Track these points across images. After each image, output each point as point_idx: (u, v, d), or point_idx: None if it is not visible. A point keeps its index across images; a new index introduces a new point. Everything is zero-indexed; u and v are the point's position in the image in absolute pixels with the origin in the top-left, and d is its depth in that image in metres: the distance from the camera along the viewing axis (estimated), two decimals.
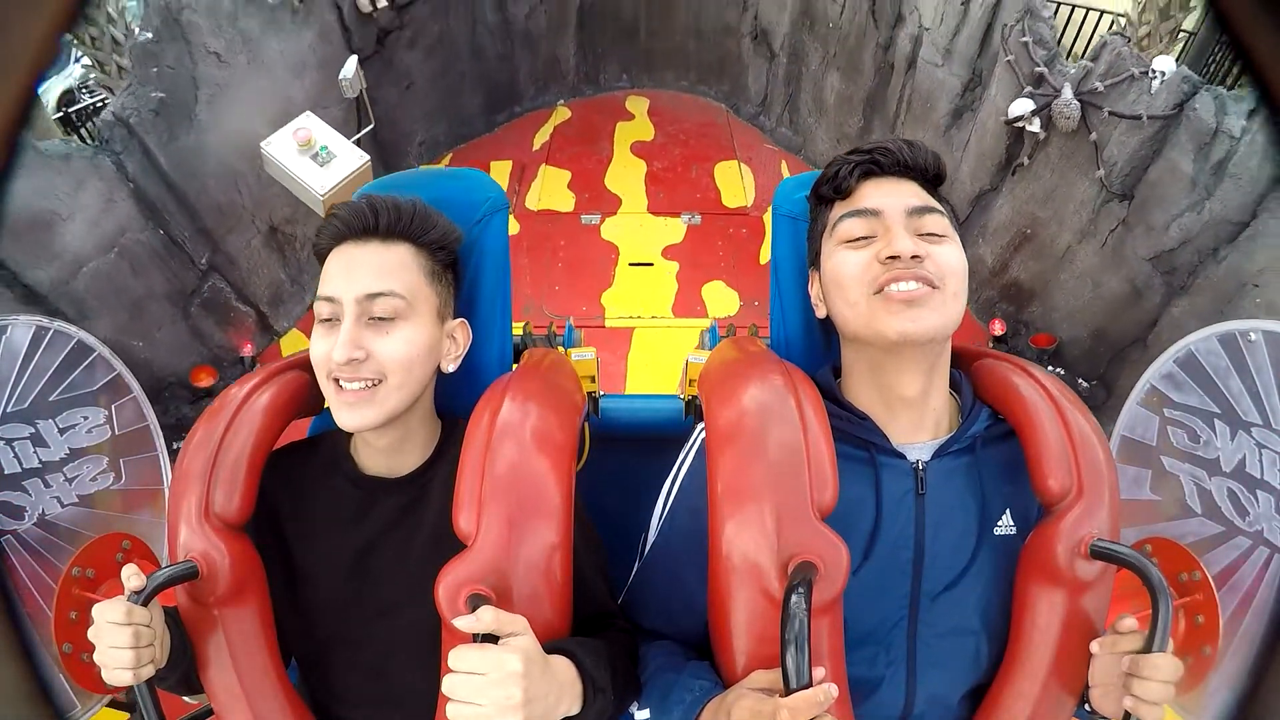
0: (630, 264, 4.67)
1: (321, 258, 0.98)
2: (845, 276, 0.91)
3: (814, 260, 1.01)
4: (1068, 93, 3.38)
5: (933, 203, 0.93)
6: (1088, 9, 4.57)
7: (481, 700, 0.71)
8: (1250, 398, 1.59)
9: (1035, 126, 3.57)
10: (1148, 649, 0.77)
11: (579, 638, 0.91)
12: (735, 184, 5.08)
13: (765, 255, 4.76)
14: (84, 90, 5.52)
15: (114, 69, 3.58)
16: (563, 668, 0.82)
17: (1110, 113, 3.27)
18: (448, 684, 0.72)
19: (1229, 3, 0.35)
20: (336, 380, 0.91)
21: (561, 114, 5.64)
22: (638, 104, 5.74)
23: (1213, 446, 1.65)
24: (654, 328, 4.35)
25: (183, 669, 0.91)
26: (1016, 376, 0.95)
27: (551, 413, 0.98)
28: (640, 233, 4.85)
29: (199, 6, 3.30)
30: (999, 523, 0.92)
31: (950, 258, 0.89)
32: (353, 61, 3.54)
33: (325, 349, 0.92)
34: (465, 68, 5.01)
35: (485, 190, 1.19)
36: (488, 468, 0.87)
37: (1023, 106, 3.56)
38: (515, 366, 1.18)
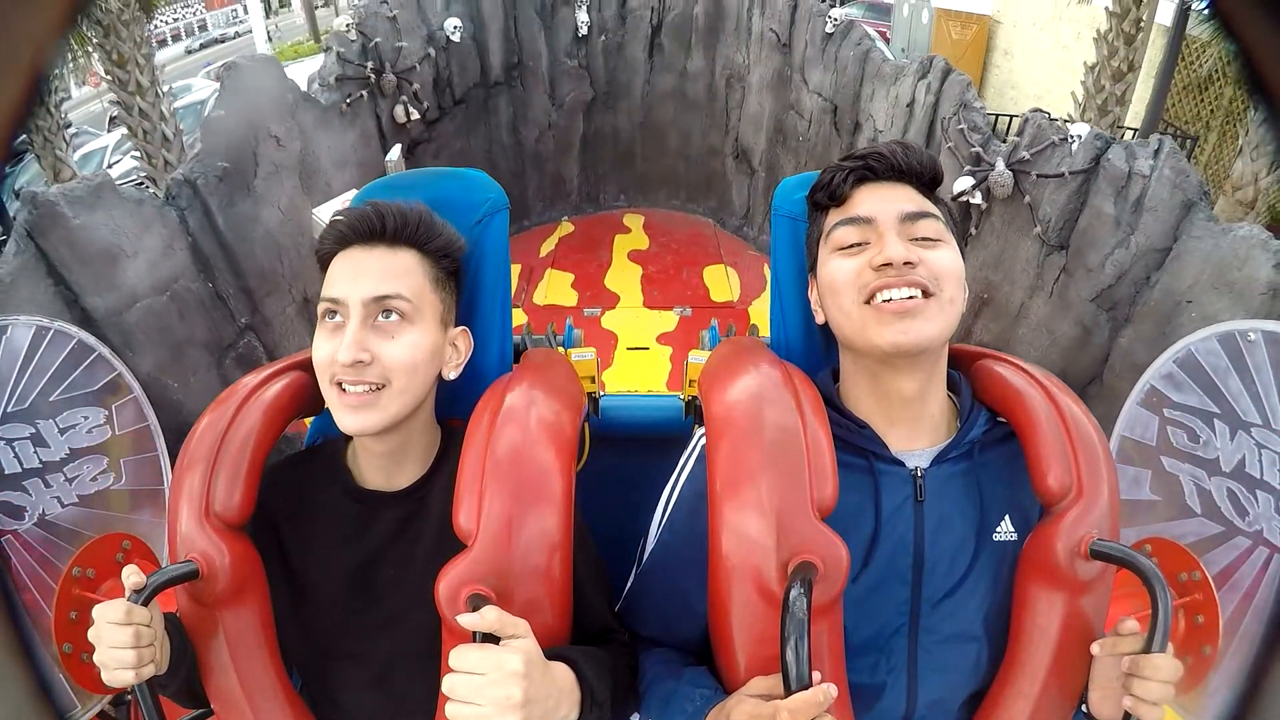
0: (628, 348, 5.05)
1: (325, 262, 0.98)
2: (839, 284, 0.92)
3: (812, 266, 1.02)
4: (1000, 165, 3.93)
5: (928, 207, 0.93)
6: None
7: (481, 700, 0.71)
8: (1250, 398, 1.64)
9: (978, 198, 4.10)
10: (1147, 649, 0.77)
11: (580, 646, 0.91)
12: (722, 283, 5.56)
13: None
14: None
15: (160, 162, 4.11)
16: (563, 674, 0.81)
17: (1038, 175, 3.78)
18: (447, 683, 0.72)
19: (1229, 3, 0.35)
20: (339, 384, 0.91)
21: (566, 228, 6.19)
22: (634, 220, 6.30)
23: (1212, 446, 1.68)
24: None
25: (184, 674, 0.91)
26: (1016, 376, 0.95)
27: (555, 404, 0.98)
28: (637, 323, 5.24)
29: (267, 94, 3.90)
30: (999, 528, 0.93)
31: (944, 262, 0.89)
32: (397, 149, 4.13)
33: (329, 351, 0.90)
34: None
35: (485, 190, 1.18)
36: (489, 454, 0.87)
37: (964, 183, 4.10)
38: (515, 367, 1.17)
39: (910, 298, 0.86)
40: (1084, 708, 0.87)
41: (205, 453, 0.93)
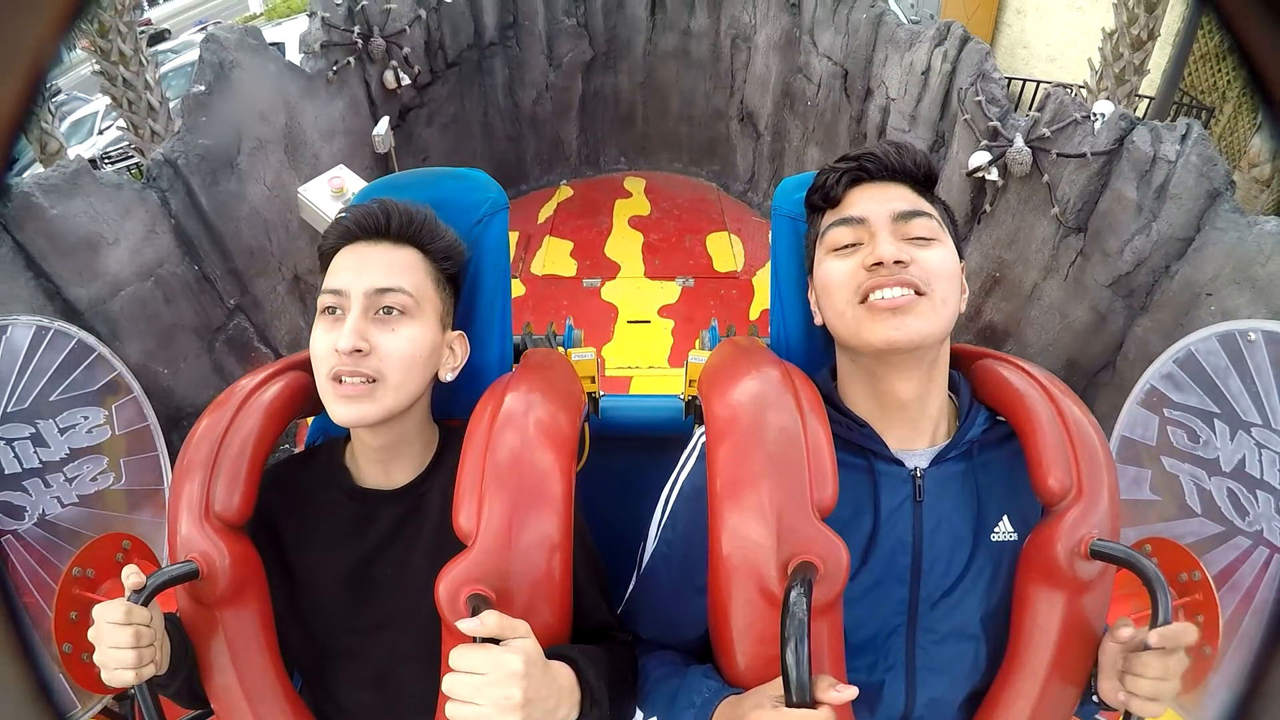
0: (628, 321, 4.94)
1: (327, 257, 0.99)
2: (833, 285, 0.91)
3: (810, 268, 1.02)
4: (1019, 141, 3.75)
5: (922, 206, 0.93)
6: (1052, 83, 5.09)
7: (481, 700, 0.71)
8: (1250, 398, 1.63)
9: (994, 175, 3.93)
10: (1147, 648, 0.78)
11: (580, 645, 0.91)
12: (726, 251, 5.43)
13: (755, 312, 5.05)
14: (106, 160, 5.95)
15: (147, 132, 3.95)
16: (563, 674, 0.81)
17: (1058, 154, 3.62)
18: (448, 683, 0.72)
19: (1229, 3, 0.35)
20: (337, 378, 0.91)
21: (564, 192, 6.05)
22: (635, 184, 6.15)
23: (1213, 446, 1.68)
24: (651, 376, 4.56)
25: (185, 675, 0.91)
26: (1015, 376, 0.95)
27: (554, 407, 0.98)
28: (638, 294, 5.14)
29: (248, 67, 3.71)
30: (997, 528, 0.92)
31: (937, 261, 0.88)
32: (385, 121, 3.95)
33: (329, 342, 0.91)
34: (477, 146, 5.46)
35: (485, 191, 1.18)
36: (489, 457, 0.87)
37: (980, 158, 3.93)
38: (515, 367, 1.17)
39: (902, 296, 0.85)
40: (1094, 698, 0.87)
41: (205, 454, 0.93)
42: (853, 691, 0.71)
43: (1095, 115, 3.49)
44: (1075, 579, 0.84)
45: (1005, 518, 0.93)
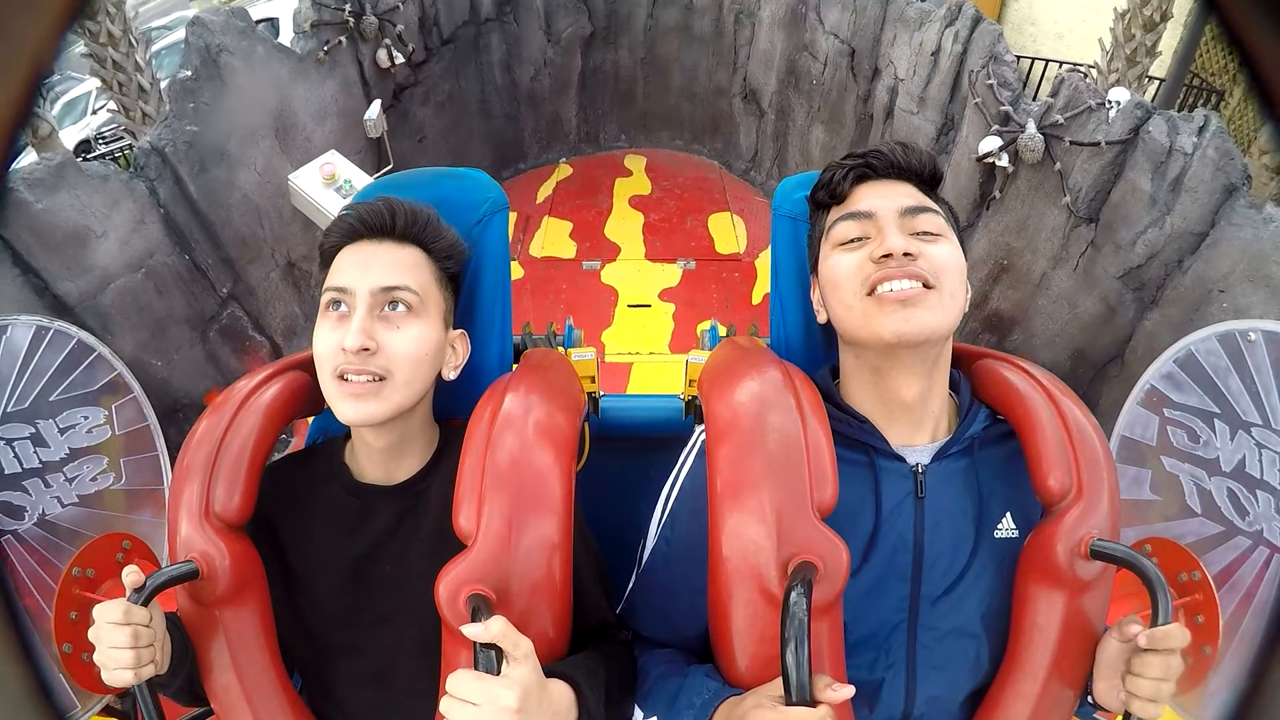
0: (629, 305, 4.88)
1: (329, 255, 0.99)
2: (840, 278, 0.91)
3: (814, 266, 1.02)
4: (1031, 127, 3.65)
5: (927, 202, 0.93)
6: (1060, 62, 4.95)
7: None
8: (1250, 398, 1.63)
9: (1004, 161, 3.83)
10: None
11: (581, 660, 0.91)
12: (728, 233, 5.34)
13: (757, 296, 4.98)
14: (100, 140, 5.85)
15: (138, 114, 3.85)
16: (561, 696, 0.81)
17: (1071, 142, 3.52)
18: (444, 706, 0.73)
19: (1229, 4, 0.35)
20: (342, 375, 0.90)
21: (564, 170, 5.95)
22: (635, 162, 6.06)
23: (1213, 446, 1.67)
24: (651, 362, 4.51)
25: (185, 674, 0.91)
26: (1016, 376, 0.95)
27: (553, 408, 0.98)
28: (638, 277, 5.07)
29: (236, 50, 3.60)
30: (999, 525, 0.92)
31: (945, 256, 0.88)
32: (376, 105, 3.84)
33: (334, 341, 0.90)
34: (474, 124, 5.34)
35: (485, 191, 1.19)
36: (489, 460, 0.87)
37: (991, 143, 3.83)
38: (515, 367, 1.17)
39: (911, 288, 0.85)
40: (1089, 698, 0.87)
41: (204, 457, 0.93)
42: (849, 690, 0.72)
43: (1110, 103, 3.38)
44: (1075, 579, 0.84)
45: (1008, 515, 0.92)
